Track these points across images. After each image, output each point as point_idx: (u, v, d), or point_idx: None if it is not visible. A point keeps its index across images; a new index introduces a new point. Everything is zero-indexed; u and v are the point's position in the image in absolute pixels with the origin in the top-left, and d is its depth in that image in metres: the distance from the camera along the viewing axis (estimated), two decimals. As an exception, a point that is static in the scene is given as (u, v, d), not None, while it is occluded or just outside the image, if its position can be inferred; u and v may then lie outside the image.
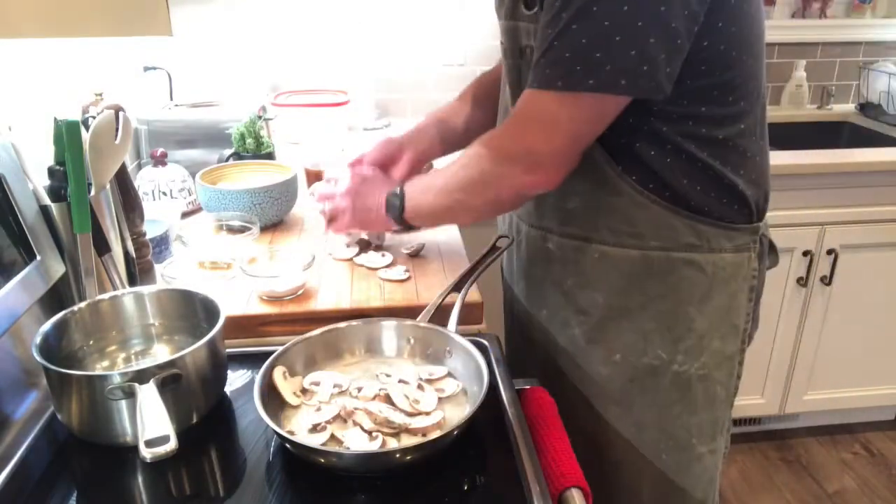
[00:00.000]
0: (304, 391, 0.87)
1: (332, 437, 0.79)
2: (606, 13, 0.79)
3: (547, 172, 0.90)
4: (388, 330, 0.95)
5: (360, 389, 0.86)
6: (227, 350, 0.92)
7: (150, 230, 1.17)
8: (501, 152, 0.93)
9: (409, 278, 1.16)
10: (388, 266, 1.20)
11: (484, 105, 1.21)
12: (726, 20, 0.85)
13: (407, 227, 1.04)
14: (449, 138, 1.21)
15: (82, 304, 0.90)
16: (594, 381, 1.05)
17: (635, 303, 1.00)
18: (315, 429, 0.79)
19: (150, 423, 0.71)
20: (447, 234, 1.34)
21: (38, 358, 0.78)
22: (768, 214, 1.02)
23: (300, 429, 0.80)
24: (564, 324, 1.06)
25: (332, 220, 1.13)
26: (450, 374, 0.90)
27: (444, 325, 0.94)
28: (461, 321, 0.96)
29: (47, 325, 0.84)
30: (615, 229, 0.97)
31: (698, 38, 0.83)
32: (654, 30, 0.79)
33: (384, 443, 0.77)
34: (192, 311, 0.93)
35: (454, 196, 0.97)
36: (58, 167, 0.95)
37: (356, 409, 0.81)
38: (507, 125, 0.94)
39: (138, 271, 1.10)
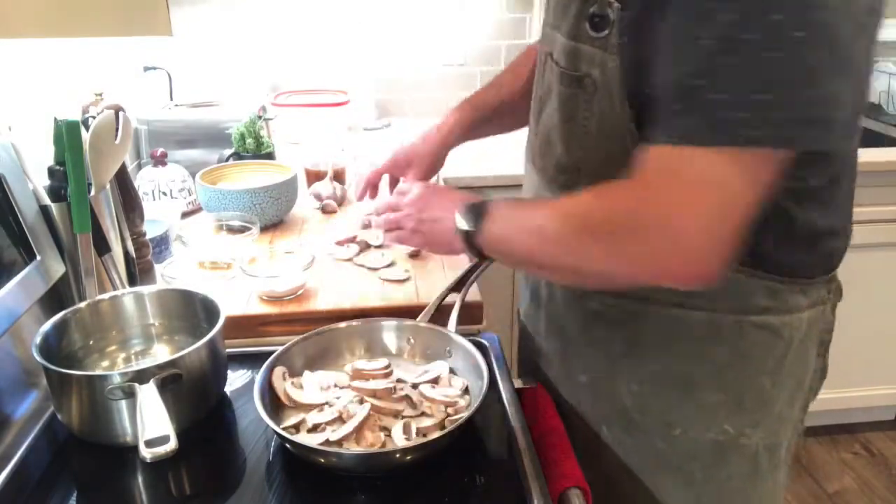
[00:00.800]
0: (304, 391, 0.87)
1: (333, 437, 0.79)
2: (819, 41, 0.59)
3: (709, 264, 0.66)
4: (388, 330, 0.95)
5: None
6: (227, 350, 0.92)
7: (150, 230, 1.17)
8: (643, 222, 0.67)
9: (408, 278, 1.16)
10: (388, 266, 1.20)
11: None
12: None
13: (479, 253, 0.85)
14: (478, 127, 1.12)
15: (82, 304, 0.90)
16: (647, 454, 0.92)
17: (701, 372, 0.86)
18: (315, 429, 0.80)
19: (150, 423, 0.71)
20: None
21: (38, 358, 0.78)
22: None
23: (300, 429, 0.80)
24: (611, 394, 0.92)
25: (390, 229, 0.99)
26: (450, 374, 0.90)
27: (444, 325, 0.94)
28: (461, 321, 0.96)
29: (47, 325, 0.84)
30: (680, 290, 0.80)
31: None
32: (864, 59, 0.63)
33: (384, 443, 0.77)
34: (192, 311, 0.93)
35: (557, 255, 0.75)
36: (58, 167, 0.95)
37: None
38: (650, 186, 0.67)
39: (138, 271, 1.10)
